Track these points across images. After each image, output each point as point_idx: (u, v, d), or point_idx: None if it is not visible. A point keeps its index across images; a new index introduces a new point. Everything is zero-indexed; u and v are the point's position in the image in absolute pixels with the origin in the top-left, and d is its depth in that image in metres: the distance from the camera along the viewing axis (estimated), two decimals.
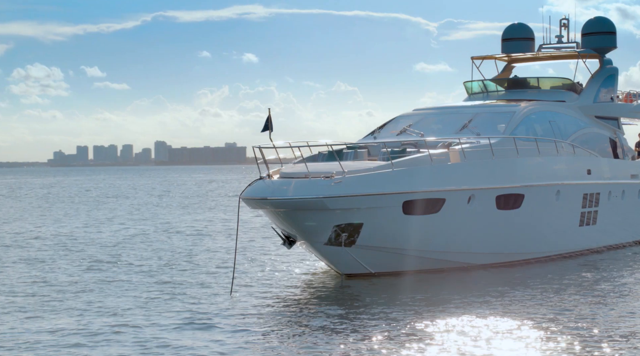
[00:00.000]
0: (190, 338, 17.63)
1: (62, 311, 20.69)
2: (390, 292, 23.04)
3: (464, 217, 26.06)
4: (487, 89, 36.76)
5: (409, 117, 31.96)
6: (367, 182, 23.95)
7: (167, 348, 16.81)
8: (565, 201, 30.13)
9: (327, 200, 23.31)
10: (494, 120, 30.16)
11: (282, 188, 23.67)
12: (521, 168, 28.17)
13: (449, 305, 20.86)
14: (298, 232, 24.46)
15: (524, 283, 24.35)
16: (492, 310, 20.19)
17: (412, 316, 19.59)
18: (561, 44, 40.31)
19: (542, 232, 29.24)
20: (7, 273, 27.70)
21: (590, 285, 24.25)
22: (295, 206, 23.48)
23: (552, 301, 21.33)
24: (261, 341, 17.37)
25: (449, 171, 25.70)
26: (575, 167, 31.32)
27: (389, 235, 24.73)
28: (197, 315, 19.99)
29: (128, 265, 29.30)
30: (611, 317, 19.34)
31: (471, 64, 38.28)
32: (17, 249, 35.49)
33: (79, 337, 17.81)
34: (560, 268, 27.72)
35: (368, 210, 24.02)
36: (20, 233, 43.48)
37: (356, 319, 19.31)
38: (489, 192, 26.69)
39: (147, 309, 20.86)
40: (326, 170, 24.33)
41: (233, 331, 18.22)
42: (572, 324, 18.55)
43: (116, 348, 16.89)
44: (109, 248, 35.10)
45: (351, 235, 24.26)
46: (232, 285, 23.56)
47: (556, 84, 36.19)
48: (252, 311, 20.43)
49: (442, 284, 24.25)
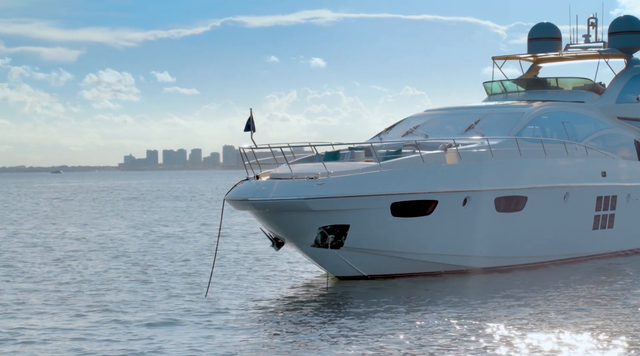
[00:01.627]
0: (149, 339, 17.49)
1: (35, 308, 20.77)
2: (375, 295, 22.63)
3: (459, 220, 25.50)
4: (507, 90, 36.08)
5: (419, 118, 31.51)
6: (352, 183, 23.57)
7: (122, 347, 16.70)
8: (575, 204, 29.31)
9: (308, 201, 22.99)
10: (502, 121, 29.52)
11: (264, 189, 23.43)
12: (524, 169, 27.47)
13: (428, 309, 20.41)
14: (282, 233, 24.21)
15: (522, 287, 23.73)
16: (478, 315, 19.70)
17: (386, 320, 19.18)
18: (588, 44, 39.35)
19: (548, 236, 28.48)
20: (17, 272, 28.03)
21: (590, 289, 23.53)
22: (277, 207, 23.22)
23: (536, 304, 20.73)
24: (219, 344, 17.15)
25: (442, 172, 25.16)
26: (588, 169, 30.46)
27: (378, 237, 24.31)
28: (162, 314, 19.86)
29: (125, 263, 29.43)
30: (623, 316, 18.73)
31: (492, 64, 37.66)
32: (30, 247, 35.96)
33: (48, 334, 17.81)
34: (565, 272, 26.95)
35: (354, 211, 23.64)
36: (44, 234, 44.06)
37: (331, 323, 18.93)
38: (486, 194, 26.08)
39: (121, 307, 20.89)
40: (313, 171, 24.03)
41: (185, 332, 17.98)
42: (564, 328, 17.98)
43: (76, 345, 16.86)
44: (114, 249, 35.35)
45: (338, 236, 23.91)
46: (209, 287, 23.33)
47: (577, 84, 35.32)
48: (220, 313, 20.14)
49: (431, 287, 23.74)
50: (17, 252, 35.35)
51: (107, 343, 17.13)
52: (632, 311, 20.06)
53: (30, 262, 31.54)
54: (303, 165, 25.21)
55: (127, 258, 32.16)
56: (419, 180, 24.52)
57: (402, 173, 24.33)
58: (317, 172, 23.75)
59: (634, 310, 20.22)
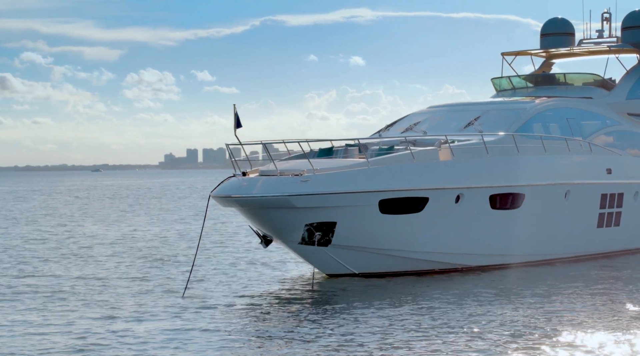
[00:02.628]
0: (117, 337, 17.40)
1: (12, 305, 20.82)
2: (361, 294, 22.39)
3: (452, 217, 25.16)
4: (515, 86, 35.61)
5: (421, 114, 31.21)
6: (337, 180, 23.33)
7: (91, 344, 16.63)
8: (577, 201, 28.81)
9: (292, 198, 22.79)
10: (502, 118, 29.11)
11: (248, 186, 23.26)
12: (521, 166, 27.02)
13: (412, 307, 20.15)
14: (268, 230, 24.05)
15: (516, 285, 23.39)
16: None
17: (366, 318, 18.95)
18: (601, 39, 38.69)
19: (548, 234, 28.02)
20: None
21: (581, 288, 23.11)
22: (260, 204, 23.05)
23: (529, 302, 20.38)
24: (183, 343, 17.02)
25: (433, 169, 24.82)
26: (591, 166, 29.92)
27: (367, 234, 24.04)
28: (134, 313, 19.73)
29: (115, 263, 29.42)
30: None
31: (502, 60, 37.20)
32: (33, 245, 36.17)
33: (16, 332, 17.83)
34: (564, 271, 26.52)
35: (341, 208, 23.39)
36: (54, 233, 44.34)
37: (313, 321, 18.69)
38: (480, 191, 25.70)
39: (96, 303, 20.94)
40: (300, 168, 23.81)
41: (153, 333, 17.80)
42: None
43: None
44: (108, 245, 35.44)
45: (325, 234, 23.67)
46: (187, 285, 23.06)
47: (585, 80, 34.74)
48: (192, 312, 19.83)
49: (418, 285, 23.45)
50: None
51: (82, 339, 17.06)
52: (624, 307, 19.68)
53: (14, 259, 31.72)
54: (293, 162, 25.03)
55: (116, 257, 32.09)
56: (408, 177, 24.21)
57: (389, 170, 24.03)
58: (303, 169, 23.54)
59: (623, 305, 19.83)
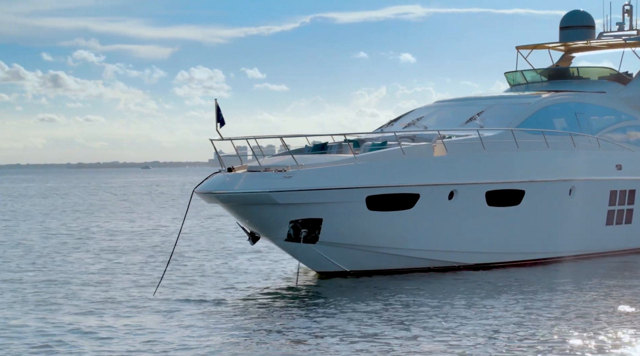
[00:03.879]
0: (81, 336, 17.15)
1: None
2: (343, 292, 21.93)
3: (445, 214, 24.56)
4: (528, 80, 34.85)
5: (427, 109, 30.67)
6: (322, 176, 22.84)
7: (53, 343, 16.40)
8: (584, 198, 28.01)
9: (274, 194, 22.35)
10: (505, 112, 28.42)
11: (231, 181, 22.88)
12: (521, 162, 26.32)
13: (394, 306, 19.66)
14: (253, 227, 23.67)
15: (512, 285, 22.76)
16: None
17: (346, 318, 18.51)
18: (622, 32, 37.70)
19: (551, 231, 27.28)
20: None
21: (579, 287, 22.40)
22: (241, 200, 22.65)
23: (524, 301, 19.77)
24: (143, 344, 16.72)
25: (424, 165, 24.22)
26: (599, 161, 29.08)
27: (355, 231, 23.53)
28: (100, 312, 19.32)
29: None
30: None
31: (516, 54, 36.42)
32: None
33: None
34: (565, 270, 25.80)
35: (326, 205, 22.91)
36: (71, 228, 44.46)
37: (292, 320, 18.31)
38: (476, 188, 25.06)
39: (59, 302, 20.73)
40: (285, 163, 23.38)
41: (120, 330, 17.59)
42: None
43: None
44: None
45: (311, 230, 23.22)
46: (159, 284, 22.48)
47: (600, 74, 33.87)
48: (162, 314, 19.19)
49: (407, 284, 22.91)
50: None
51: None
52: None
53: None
54: (280, 157, 24.63)
55: (105, 253, 31.96)
56: (397, 173, 23.65)
57: (377, 165, 23.50)
58: (288, 165, 23.12)
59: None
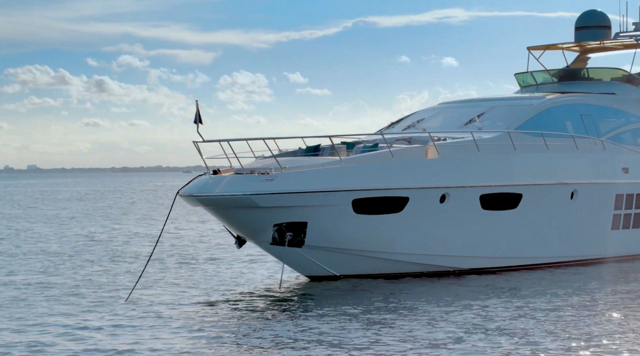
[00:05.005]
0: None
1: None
2: (328, 297, 21.51)
3: (437, 218, 24.04)
4: (538, 82, 34.19)
5: (429, 111, 30.15)
6: (305, 179, 22.42)
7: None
8: (586, 202, 27.32)
9: (255, 197, 21.99)
10: (506, 114, 27.82)
11: (212, 184, 22.51)
12: (517, 165, 25.71)
13: (378, 312, 19.21)
14: (236, 230, 23.36)
15: (505, 289, 22.20)
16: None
17: (326, 323, 18.12)
18: (638, 32, 36.88)
19: (551, 235, 26.62)
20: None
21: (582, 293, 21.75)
22: (222, 203, 22.30)
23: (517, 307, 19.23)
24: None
25: (413, 168, 23.69)
26: (604, 164, 28.35)
27: (341, 235, 23.09)
28: (73, 318, 18.91)
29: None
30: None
31: (527, 55, 35.75)
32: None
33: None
34: (567, 275, 25.14)
35: (310, 208, 22.49)
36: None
37: (267, 328, 17.84)
38: (469, 191, 24.51)
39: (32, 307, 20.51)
40: (269, 166, 23.00)
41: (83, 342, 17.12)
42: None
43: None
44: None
45: (297, 234, 22.82)
46: (132, 291, 21.88)
47: (611, 75, 33.11)
48: (132, 320, 18.64)
49: (395, 289, 22.43)
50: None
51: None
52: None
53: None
54: (267, 160, 24.25)
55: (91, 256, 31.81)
56: (385, 176, 23.17)
57: (364, 168, 23.03)
58: (272, 167, 22.73)
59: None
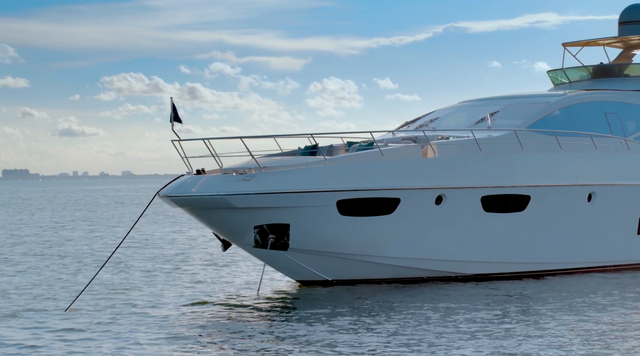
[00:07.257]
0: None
1: None
2: (309, 303, 20.53)
3: (432, 220, 22.79)
4: (571, 79, 32.55)
5: (446, 110, 28.87)
6: (285, 179, 21.43)
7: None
8: (607, 205, 25.68)
9: (230, 197, 21.07)
10: (521, 112, 26.40)
11: (189, 184, 21.66)
12: (525, 165, 24.25)
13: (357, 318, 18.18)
14: (217, 232, 22.51)
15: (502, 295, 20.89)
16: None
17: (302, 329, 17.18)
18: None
19: (566, 240, 25.08)
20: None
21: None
22: (197, 204, 21.43)
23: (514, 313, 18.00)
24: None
25: (405, 168, 22.44)
26: (628, 165, 26.66)
27: (326, 237, 22.02)
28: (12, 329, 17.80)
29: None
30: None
31: (563, 51, 34.11)
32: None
33: None
34: (573, 281, 23.62)
35: (292, 209, 21.48)
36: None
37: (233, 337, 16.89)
38: (470, 192, 23.18)
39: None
40: (251, 165, 22.05)
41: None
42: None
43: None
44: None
45: (280, 237, 21.84)
46: (76, 299, 20.53)
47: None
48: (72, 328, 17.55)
49: (388, 295, 21.30)
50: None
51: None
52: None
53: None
54: (265, 160, 23.23)
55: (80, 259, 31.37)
56: (373, 176, 22.00)
57: (350, 168, 21.91)
58: (251, 167, 21.77)
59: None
